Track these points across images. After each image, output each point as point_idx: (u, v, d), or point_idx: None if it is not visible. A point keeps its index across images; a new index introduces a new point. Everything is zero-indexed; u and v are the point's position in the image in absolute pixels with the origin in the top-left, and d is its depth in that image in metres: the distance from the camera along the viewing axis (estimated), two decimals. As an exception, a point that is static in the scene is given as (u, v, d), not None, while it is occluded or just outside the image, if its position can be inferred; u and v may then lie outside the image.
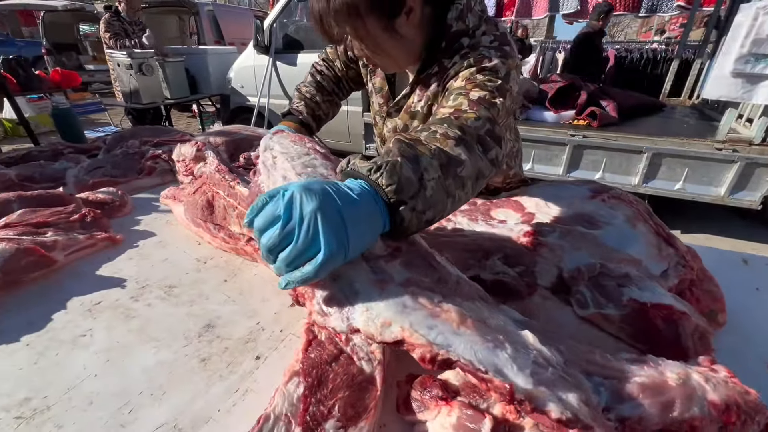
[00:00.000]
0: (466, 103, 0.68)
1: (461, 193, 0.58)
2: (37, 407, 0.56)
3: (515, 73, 0.76)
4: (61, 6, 9.46)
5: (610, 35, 23.64)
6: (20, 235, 0.88)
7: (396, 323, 0.42)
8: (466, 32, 0.82)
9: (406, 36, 0.79)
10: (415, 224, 0.52)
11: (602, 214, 0.85)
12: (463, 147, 0.58)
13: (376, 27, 0.75)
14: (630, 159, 2.85)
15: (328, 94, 1.24)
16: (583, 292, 0.66)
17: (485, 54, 0.76)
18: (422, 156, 0.53)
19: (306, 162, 0.71)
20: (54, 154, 1.70)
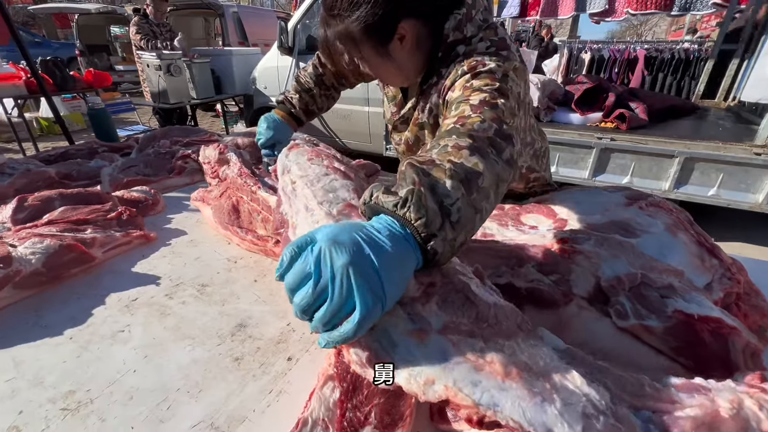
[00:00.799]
0: (468, 109, 0.65)
1: (486, 205, 0.53)
2: (81, 400, 0.58)
3: (514, 75, 0.73)
4: (94, 9, 9.86)
5: (637, 35, 22.93)
6: (62, 232, 0.92)
7: (439, 381, 0.39)
8: (462, 41, 0.81)
9: (400, 60, 0.82)
10: (448, 253, 0.49)
11: (640, 222, 0.82)
12: (478, 155, 0.54)
13: (370, 52, 0.80)
14: (660, 163, 2.75)
15: (326, 88, 1.24)
16: (622, 303, 0.64)
17: (479, 59, 0.75)
18: (438, 182, 0.49)
19: (326, 186, 0.68)
20: (90, 152, 1.77)
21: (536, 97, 3.09)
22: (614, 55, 5.09)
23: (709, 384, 0.44)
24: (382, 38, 0.78)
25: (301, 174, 0.68)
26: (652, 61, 4.88)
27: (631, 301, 0.63)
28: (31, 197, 1.03)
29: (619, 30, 26.76)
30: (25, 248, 0.82)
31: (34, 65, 3.32)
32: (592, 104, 3.23)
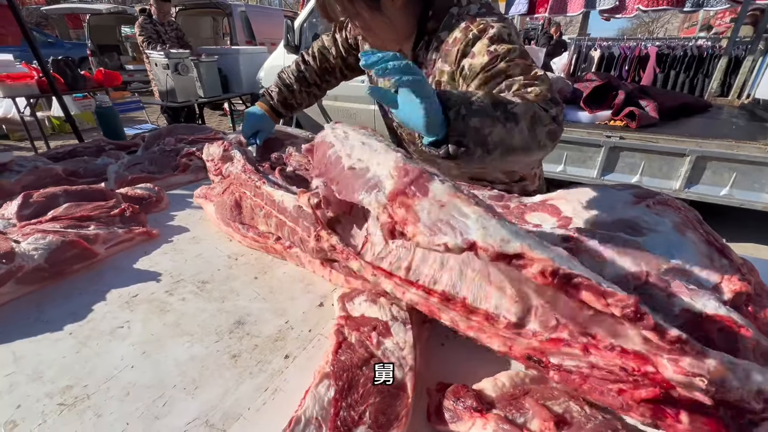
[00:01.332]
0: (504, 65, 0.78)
1: (513, 126, 0.67)
2: (78, 395, 0.58)
3: (515, 34, 0.84)
4: (105, 9, 9.99)
5: (649, 32, 22.57)
6: (65, 228, 0.93)
7: (514, 240, 0.42)
8: (455, 3, 0.88)
9: (393, 17, 0.87)
10: (461, 126, 0.63)
11: (647, 221, 0.80)
12: (519, 99, 0.70)
13: (363, 8, 0.84)
14: (671, 162, 2.69)
15: (307, 85, 1.31)
16: (627, 304, 0.62)
17: (482, 22, 0.83)
18: (473, 93, 0.67)
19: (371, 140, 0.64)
20: (97, 150, 1.79)
21: (544, 94, 3.06)
22: (625, 53, 5.01)
23: None
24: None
25: (352, 129, 0.68)
26: (663, 59, 4.80)
27: (636, 301, 0.62)
28: (36, 194, 1.04)
29: (631, 27, 26.36)
30: (28, 244, 0.83)
31: (45, 65, 3.36)
32: (601, 102, 3.18)
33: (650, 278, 0.63)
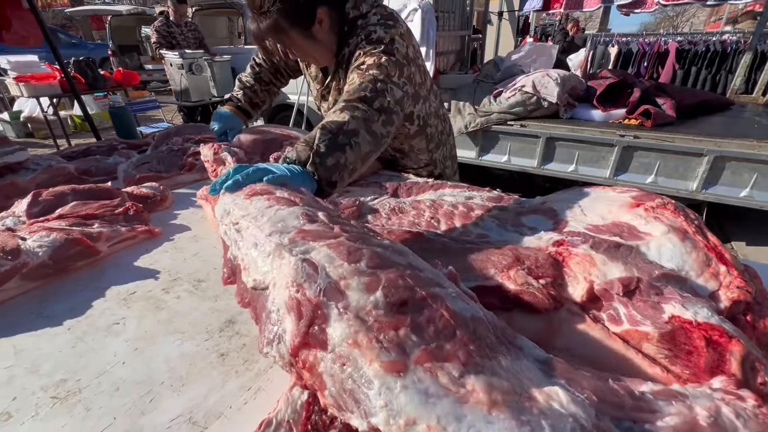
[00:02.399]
0: (355, 76, 0.96)
1: (357, 139, 0.86)
2: (71, 389, 0.60)
3: (400, 39, 1.02)
4: (126, 11, 10.24)
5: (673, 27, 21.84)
6: (70, 226, 0.96)
7: (421, 420, 0.36)
8: (360, 16, 1.06)
9: (323, 39, 1.06)
10: (322, 170, 0.81)
11: (643, 224, 0.78)
12: (347, 111, 0.88)
13: (297, 36, 1.02)
14: (688, 162, 2.60)
15: (265, 84, 1.50)
16: (616, 307, 0.61)
17: (371, 30, 1.01)
18: (313, 135, 0.83)
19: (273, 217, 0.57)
20: (109, 149, 1.84)
21: (556, 92, 2.99)
22: (643, 49, 4.87)
23: (686, 391, 0.41)
24: (305, 24, 1.01)
25: (242, 213, 0.58)
26: (684, 54, 4.64)
27: (625, 306, 0.60)
28: (45, 192, 1.08)
29: (654, 22, 25.55)
30: (33, 241, 0.86)
31: (65, 66, 3.48)
32: (616, 100, 3.09)
33: (641, 284, 0.61)
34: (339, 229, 0.55)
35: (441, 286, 0.49)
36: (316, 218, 0.57)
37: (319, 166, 0.80)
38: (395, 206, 1.07)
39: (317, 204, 0.67)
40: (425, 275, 0.50)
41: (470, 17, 4.37)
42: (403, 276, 0.46)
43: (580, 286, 0.65)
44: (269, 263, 0.49)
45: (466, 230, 0.90)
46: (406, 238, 0.85)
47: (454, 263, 0.74)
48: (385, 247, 0.54)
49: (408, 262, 0.52)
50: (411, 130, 1.30)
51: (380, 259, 0.48)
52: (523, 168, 3.25)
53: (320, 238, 0.50)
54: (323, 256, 0.46)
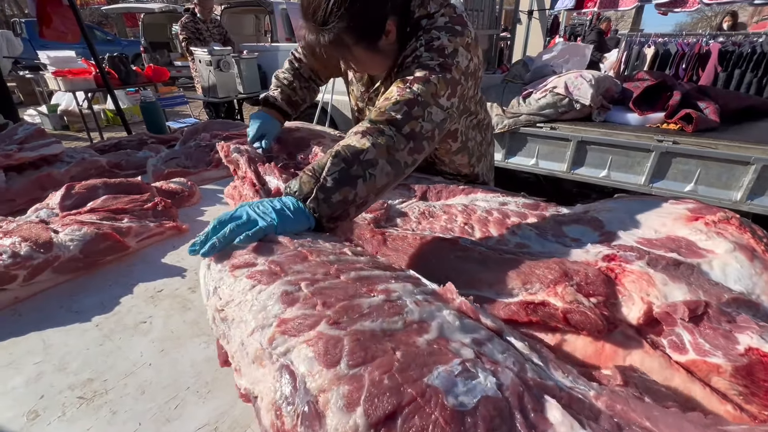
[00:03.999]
0: (395, 88, 0.83)
1: (374, 171, 0.74)
2: (97, 390, 0.59)
3: (464, 50, 0.87)
4: (158, 8, 10.54)
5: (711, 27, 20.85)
6: (101, 220, 0.96)
7: None
8: (426, 16, 0.91)
9: (387, 50, 0.91)
10: (326, 209, 0.71)
11: (703, 240, 0.71)
12: (369, 136, 0.75)
13: (361, 52, 0.88)
14: (732, 170, 2.44)
15: (305, 80, 1.35)
16: (679, 334, 0.55)
17: (434, 36, 0.87)
18: (320, 163, 0.74)
19: (255, 305, 0.51)
20: (139, 143, 1.87)
21: (589, 94, 2.87)
22: (683, 50, 4.64)
23: None
24: (372, 39, 0.87)
25: (227, 299, 0.54)
26: (727, 56, 4.39)
27: (690, 333, 0.54)
28: (78, 185, 1.09)
29: (690, 22, 24.48)
30: (65, 235, 0.86)
31: (100, 61, 3.58)
32: (654, 103, 2.94)
33: (710, 309, 0.55)
34: (321, 305, 0.48)
35: (438, 363, 0.40)
36: (298, 294, 0.51)
37: (321, 203, 0.70)
38: (425, 210, 1.03)
39: (301, 259, 0.58)
40: (421, 348, 0.42)
41: (499, 16, 4.27)
42: (391, 370, 0.39)
43: (636, 307, 0.59)
44: (254, 371, 0.46)
45: (503, 239, 0.85)
46: (439, 245, 0.80)
47: (493, 275, 0.69)
48: (375, 308, 0.47)
49: (400, 335, 0.44)
50: (453, 146, 1.19)
51: (364, 347, 0.41)
52: (551, 172, 3.14)
53: (300, 330, 0.45)
54: (303, 359, 0.41)
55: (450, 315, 0.49)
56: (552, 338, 0.62)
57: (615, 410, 0.39)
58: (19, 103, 7.49)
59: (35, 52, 6.41)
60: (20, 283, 0.77)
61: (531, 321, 0.62)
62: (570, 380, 0.45)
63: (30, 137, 1.48)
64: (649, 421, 0.37)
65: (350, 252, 0.65)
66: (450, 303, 0.53)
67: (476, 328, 0.48)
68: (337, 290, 0.52)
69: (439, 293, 0.56)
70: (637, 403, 0.40)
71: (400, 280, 0.56)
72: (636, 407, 0.39)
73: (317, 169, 0.73)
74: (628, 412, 0.39)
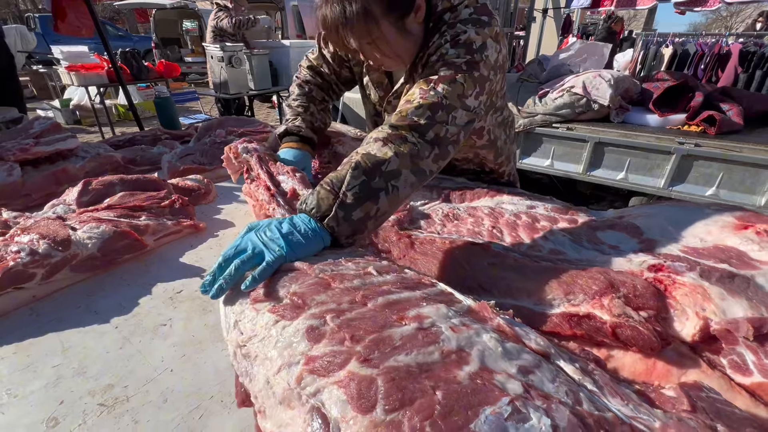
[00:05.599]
0: (418, 90, 0.78)
1: (397, 182, 0.69)
2: (119, 396, 0.57)
3: (493, 41, 0.82)
4: (169, 4, 10.57)
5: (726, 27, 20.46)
6: (119, 217, 0.94)
7: None
8: (449, 8, 0.85)
9: (414, 32, 0.85)
10: (345, 226, 0.65)
11: (756, 250, 0.67)
12: (391, 144, 0.71)
13: (389, 28, 0.80)
14: (757, 175, 2.37)
15: (320, 102, 1.22)
16: (741, 353, 0.51)
17: (460, 30, 0.81)
18: (339, 175, 0.68)
19: (278, 341, 0.47)
20: (153, 139, 1.85)
21: (608, 95, 2.80)
22: (702, 50, 4.54)
23: None
24: (403, 12, 0.80)
25: (250, 334, 0.50)
26: (748, 57, 4.28)
27: (754, 354, 0.50)
28: (95, 181, 1.07)
29: (705, 22, 24.06)
30: (83, 232, 0.84)
31: (113, 57, 3.59)
32: (674, 105, 2.86)
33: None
34: (350, 339, 0.44)
35: (484, 404, 0.36)
36: (324, 328, 0.47)
37: (342, 221, 0.65)
38: (449, 212, 1.00)
39: (324, 287, 0.54)
40: (464, 384, 0.38)
41: (514, 14, 4.20)
42: (432, 415, 0.35)
43: (690, 323, 0.55)
44: (281, 412, 0.42)
45: (535, 245, 0.81)
46: (470, 250, 0.77)
47: (531, 284, 0.65)
48: (408, 338, 0.43)
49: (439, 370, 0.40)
50: (477, 143, 1.12)
51: (401, 388, 0.38)
52: (566, 173, 3.07)
53: (329, 370, 0.41)
54: (335, 401, 0.38)
55: (491, 340, 0.44)
56: (596, 354, 0.58)
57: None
58: (32, 96, 7.57)
59: (48, 47, 6.46)
60: (38, 282, 0.75)
61: (575, 334, 0.58)
62: (630, 408, 0.41)
63: (46, 131, 1.47)
64: None
65: (375, 271, 0.59)
66: (488, 322, 0.49)
67: (521, 353, 0.44)
68: (365, 320, 0.47)
69: (476, 310, 0.51)
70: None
71: (432, 301, 0.51)
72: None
73: (336, 183, 0.67)
74: None
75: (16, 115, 2.61)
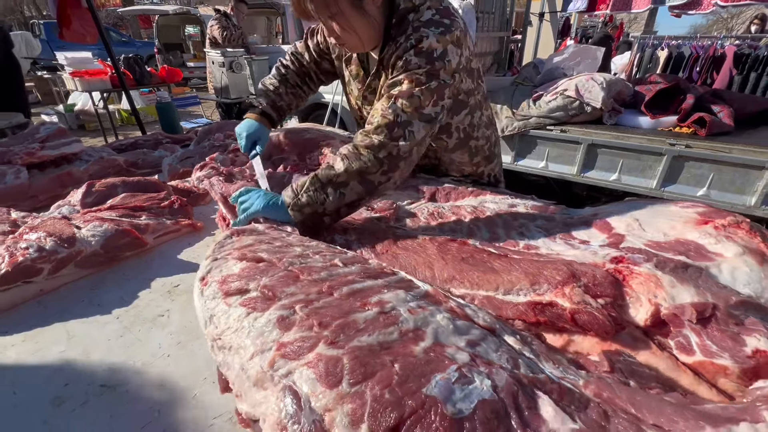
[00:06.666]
0: (380, 106, 0.91)
1: (345, 190, 0.88)
2: (119, 379, 0.62)
3: (454, 47, 0.90)
4: (172, 10, 10.72)
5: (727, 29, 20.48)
6: (120, 217, 0.99)
7: None
8: (412, 9, 0.92)
9: (372, 15, 0.91)
10: (298, 216, 0.88)
11: (712, 243, 0.72)
12: (346, 161, 0.88)
13: (346, 4, 0.87)
14: (746, 175, 2.41)
15: (291, 86, 1.32)
16: (686, 335, 0.56)
17: (423, 35, 0.88)
18: (304, 182, 0.89)
19: (252, 330, 0.51)
20: (155, 143, 1.91)
21: (600, 97, 2.85)
22: (697, 52, 4.58)
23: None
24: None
25: (224, 326, 0.54)
26: (743, 59, 4.32)
27: (698, 335, 0.55)
28: (98, 183, 1.12)
29: (705, 24, 24.07)
30: (87, 230, 0.89)
31: (117, 63, 3.66)
32: (666, 107, 2.91)
33: (718, 312, 0.55)
34: (318, 325, 0.48)
35: (435, 371, 0.41)
36: (293, 317, 0.51)
37: (296, 213, 0.87)
38: (434, 211, 1.05)
39: (293, 280, 0.58)
40: (419, 357, 0.43)
41: (510, 18, 4.26)
42: (391, 384, 0.40)
43: (643, 308, 0.60)
44: (255, 393, 0.46)
45: (511, 240, 0.86)
46: (447, 246, 0.82)
47: (500, 276, 0.70)
48: (370, 322, 0.48)
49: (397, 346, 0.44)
50: (449, 143, 1.17)
51: (363, 364, 0.42)
52: (561, 175, 3.12)
53: (300, 353, 0.45)
54: (305, 380, 0.42)
55: (444, 319, 0.49)
56: (559, 339, 0.63)
57: (602, 398, 0.41)
58: (37, 102, 7.68)
59: (53, 53, 6.57)
60: (45, 276, 0.81)
61: (539, 321, 0.63)
62: (560, 370, 0.46)
63: (51, 136, 1.53)
64: (633, 406, 0.40)
65: (341, 262, 0.64)
66: (442, 304, 0.54)
67: (469, 329, 0.49)
68: (331, 308, 0.52)
69: (431, 294, 0.57)
70: (623, 389, 0.42)
71: (392, 288, 0.56)
72: (621, 393, 0.41)
73: (298, 186, 0.89)
74: (614, 399, 0.41)
75: (22, 121, 2.68)
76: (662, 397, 0.42)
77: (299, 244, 0.72)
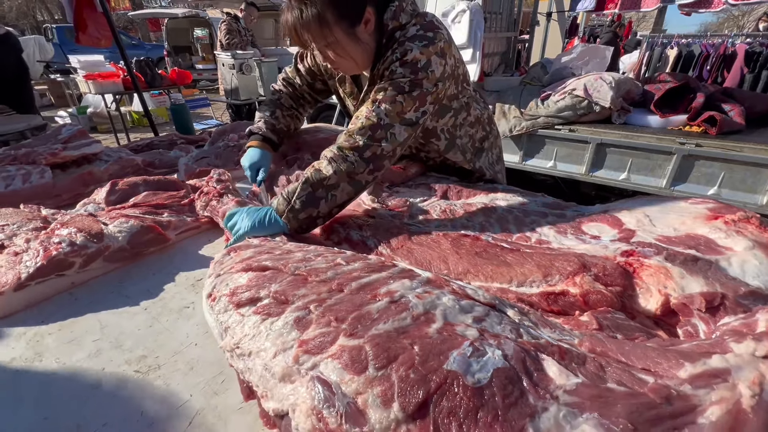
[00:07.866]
0: (365, 109, 0.95)
1: (336, 192, 0.91)
2: (151, 365, 0.65)
3: (437, 57, 0.94)
4: (181, 14, 10.86)
5: (738, 27, 20.20)
6: (144, 214, 1.03)
7: None
8: (399, 27, 0.97)
9: (365, 41, 0.97)
10: (294, 221, 0.90)
11: (722, 238, 0.73)
12: (334, 164, 0.92)
13: (341, 34, 0.92)
14: (758, 174, 2.39)
15: (287, 109, 1.39)
16: (695, 324, 0.58)
17: (408, 48, 0.93)
18: (296, 187, 0.91)
19: (269, 334, 0.52)
20: (170, 143, 1.96)
21: (609, 96, 2.85)
22: (707, 51, 4.54)
23: (728, 362, 0.40)
24: (353, 21, 0.92)
25: (240, 335, 0.55)
26: (754, 57, 4.28)
27: (706, 324, 0.57)
28: (121, 182, 1.17)
29: (716, 22, 23.74)
30: (114, 227, 0.93)
31: (130, 65, 3.74)
32: (676, 106, 2.90)
33: (726, 301, 0.57)
34: (335, 320, 0.50)
35: (451, 348, 0.44)
36: (310, 317, 0.53)
37: (292, 219, 0.89)
38: (446, 208, 1.07)
39: (302, 282, 0.60)
40: (434, 338, 0.46)
41: (518, 18, 4.26)
42: (414, 364, 0.43)
43: (653, 298, 0.62)
44: (282, 388, 0.47)
45: (523, 236, 0.88)
46: (461, 241, 0.84)
47: (513, 269, 0.73)
48: (383, 311, 0.51)
49: (413, 330, 0.47)
50: (440, 145, 1.20)
51: (385, 349, 0.45)
52: (569, 174, 3.12)
53: (322, 347, 0.48)
54: (332, 369, 0.44)
55: (449, 300, 0.53)
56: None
57: (596, 352, 0.46)
58: (50, 105, 7.84)
59: (65, 56, 6.70)
60: (76, 270, 0.85)
61: (552, 311, 0.65)
62: (557, 334, 0.50)
63: (73, 137, 1.59)
64: (623, 355, 0.45)
65: (343, 261, 0.66)
66: (444, 288, 0.57)
67: (473, 306, 0.52)
68: (344, 303, 0.54)
69: (433, 280, 0.59)
70: (612, 342, 0.47)
71: (396, 278, 0.58)
72: (612, 346, 0.46)
73: (290, 193, 0.90)
74: (607, 351, 0.46)
75: (40, 123, 2.75)
76: (646, 344, 0.48)
77: (298, 250, 0.74)
